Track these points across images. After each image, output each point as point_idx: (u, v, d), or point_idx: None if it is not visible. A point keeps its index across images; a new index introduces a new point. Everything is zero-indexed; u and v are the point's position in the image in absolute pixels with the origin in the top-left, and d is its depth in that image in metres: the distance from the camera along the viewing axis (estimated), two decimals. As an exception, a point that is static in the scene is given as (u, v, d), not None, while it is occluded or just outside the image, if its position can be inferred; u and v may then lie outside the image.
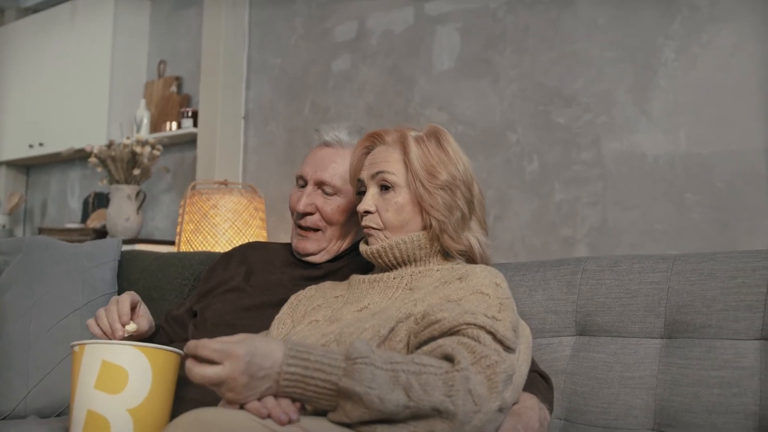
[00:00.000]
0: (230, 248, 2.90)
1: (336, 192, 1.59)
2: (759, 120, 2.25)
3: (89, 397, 1.20)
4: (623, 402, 1.33)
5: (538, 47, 2.73)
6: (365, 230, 1.40)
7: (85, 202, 4.16)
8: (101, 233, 3.67)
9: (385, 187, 1.37)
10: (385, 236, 1.38)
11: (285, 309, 1.45)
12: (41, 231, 3.85)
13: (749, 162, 2.26)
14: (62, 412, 1.82)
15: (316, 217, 1.59)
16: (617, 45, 2.54)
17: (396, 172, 1.36)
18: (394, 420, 1.03)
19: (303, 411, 1.05)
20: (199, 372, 1.01)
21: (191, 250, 2.91)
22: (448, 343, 1.11)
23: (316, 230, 1.61)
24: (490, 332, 1.13)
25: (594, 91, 2.58)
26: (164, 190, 3.99)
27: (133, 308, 1.50)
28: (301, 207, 1.59)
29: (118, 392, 1.20)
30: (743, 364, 1.25)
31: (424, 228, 1.37)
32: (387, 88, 3.14)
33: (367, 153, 1.43)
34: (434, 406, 1.02)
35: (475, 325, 1.13)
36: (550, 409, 1.29)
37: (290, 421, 1.00)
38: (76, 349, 1.27)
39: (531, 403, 1.22)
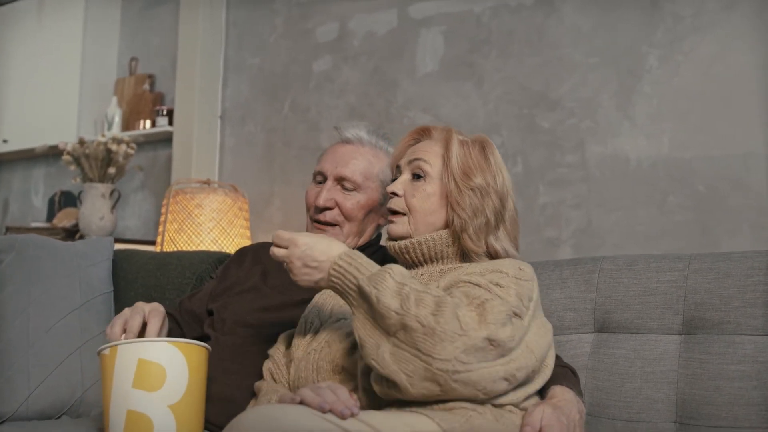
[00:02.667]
0: (216, 248, 2.91)
1: (356, 188, 1.61)
2: (739, 126, 2.35)
3: (128, 397, 1.20)
4: (645, 396, 1.39)
5: (522, 52, 2.79)
6: (389, 216, 1.43)
7: (51, 201, 4.06)
8: (71, 232, 3.59)
9: (417, 176, 1.41)
10: (408, 221, 1.40)
11: (311, 308, 1.46)
12: (8, 230, 3.74)
13: (730, 167, 2.35)
14: (65, 413, 1.79)
15: (335, 212, 1.61)
16: (601, 51, 2.61)
17: (432, 163, 1.40)
18: (392, 335, 1.14)
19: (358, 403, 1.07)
20: (271, 250, 1.29)
21: (174, 249, 2.87)
22: (449, 290, 1.22)
23: (334, 225, 1.62)
24: (485, 289, 1.20)
25: (578, 96, 2.65)
26: (135, 189, 3.93)
27: (146, 324, 1.45)
28: (322, 201, 1.60)
29: (157, 389, 1.21)
30: (762, 358, 1.31)
31: (446, 225, 1.40)
32: (369, 90, 3.16)
33: (412, 145, 1.47)
34: (419, 319, 1.12)
35: (471, 282, 1.22)
36: (583, 401, 1.33)
37: (351, 415, 1.02)
38: (107, 351, 1.26)
39: (569, 396, 1.26)
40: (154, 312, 1.45)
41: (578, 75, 2.65)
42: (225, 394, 1.42)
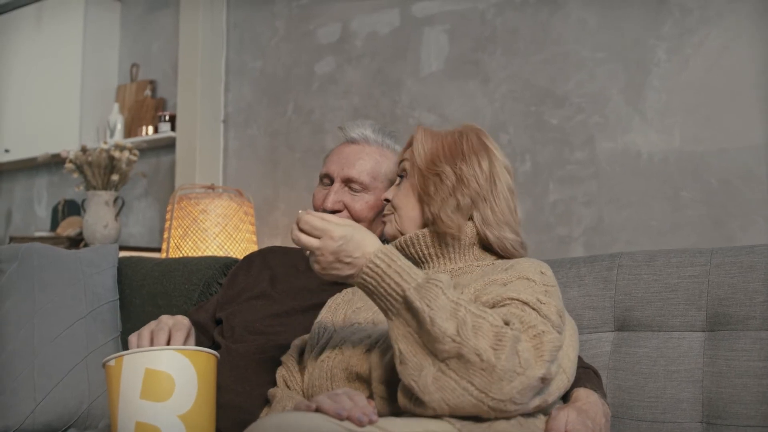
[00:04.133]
0: (222, 254, 2.87)
1: (364, 189, 1.57)
2: (750, 119, 2.31)
3: (136, 409, 1.16)
4: (670, 395, 1.35)
5: (528, 49, 2.75)
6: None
7: (55, 210, 4.03)
8: (76, 241, 3.56)
9: (401, 176, 1.40)
10: (395, 220, 1.38)
11: (324, 313, 1.42)
12: (12, 240, 3.71)
13: (742, 159, 2.31)
14: (71, 425, 1.75)
15: (344, 214, 1.58)
16: (608, 46, 2.57)
17: (411, 160, 1.37)
18: (441, 360, 1.05)
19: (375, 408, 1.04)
20: (297, 236, 1.14)
21: (180, 256, 2.84)
22: (500, 311, 1.12)
23: None
24: (534, 309, 1.14)
25: (586, 92, 2.61)
26: (138, 196, 3.90)
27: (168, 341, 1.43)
28: (330, 205, 1.56)
29: (166, 399, 1.17)
30: (791, 354, 1.27)
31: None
32: (373, 90, 3.13)
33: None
34: (478, 352, 1.03)
35: (519, 300, 1.15)
36: (607, 403, 1.29)
37: (370, 422, 0.98)
38: (112, 363, 1.22)
39: (594, 398, 1.22)
40: (177, 326, 1.41)
41: (585, 70, 2.61)
42: (236, 402, 1.38)
